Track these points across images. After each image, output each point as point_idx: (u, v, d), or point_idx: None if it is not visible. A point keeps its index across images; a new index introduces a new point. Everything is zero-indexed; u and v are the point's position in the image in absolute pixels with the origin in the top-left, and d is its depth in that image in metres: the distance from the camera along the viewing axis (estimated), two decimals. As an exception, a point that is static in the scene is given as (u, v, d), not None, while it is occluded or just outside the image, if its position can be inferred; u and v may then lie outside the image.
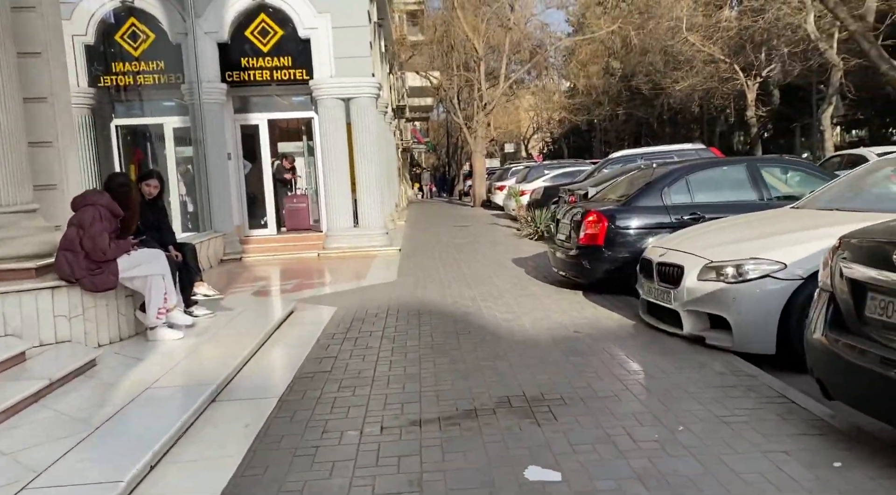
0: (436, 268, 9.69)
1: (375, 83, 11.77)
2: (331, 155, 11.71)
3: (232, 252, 11.65)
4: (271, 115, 12.54)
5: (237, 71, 11.68)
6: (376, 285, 8.49)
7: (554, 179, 18.63)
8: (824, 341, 3.33)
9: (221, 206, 11.64)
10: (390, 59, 20.88)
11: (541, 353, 5.00)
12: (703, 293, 4.95)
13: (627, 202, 7.21)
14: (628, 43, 29.21)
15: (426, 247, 12.66)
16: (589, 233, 7.15)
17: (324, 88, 11.54)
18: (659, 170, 7.62)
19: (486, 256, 10.85)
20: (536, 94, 39.15)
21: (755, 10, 24.27)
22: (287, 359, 5.24)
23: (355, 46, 11.53)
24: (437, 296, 7.50)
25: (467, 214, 22.39)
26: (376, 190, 11.98)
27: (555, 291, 7.51)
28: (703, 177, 7.27)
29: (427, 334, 5.76)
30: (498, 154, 60.44)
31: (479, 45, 23.97)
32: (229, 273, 10.12)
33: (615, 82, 37.20)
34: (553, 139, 58.55)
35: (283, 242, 12.43)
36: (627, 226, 7.03)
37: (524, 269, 9.26)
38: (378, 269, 9.89)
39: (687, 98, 30.35)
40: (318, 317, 6.60)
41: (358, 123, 11.76)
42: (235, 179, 12.27)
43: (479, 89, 25.24)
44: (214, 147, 11.53)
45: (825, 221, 5.13)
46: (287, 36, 11.67)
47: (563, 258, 7.60)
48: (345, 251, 11.65)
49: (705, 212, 6.92)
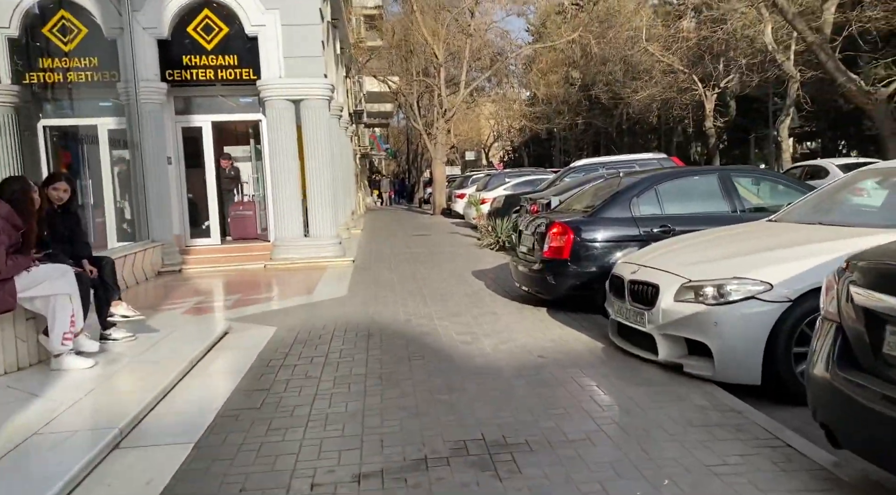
0: (391, 282, 9.08)
1: (328, 85, 11.13)
2: (279, 159, 11.01)
3: (171, 263, 10.83)
4: (216, 116, 11.78)
5: (179, 69, 10.90)
6: (324, 301, 7.84)
7: (515, 188, 18.23)
8: (831, 379, 2.84)
9: (160, 214, 10.83)
10: (347, 62, 20.22)
11: (502, 384, 4.44)
12: (680, 316, 4.47)
13: (594, 213, 6.74)
14: (588, 52, 29.13)
15: (382, 257, 12.03)
16: (553, 247, 6.64)
17: (272, 89, 10.85)
18: (626, 179, 7.17)
19: (445, 268, 10.29)
20: (497, 103, 38.91)
21: (714, 20, 24.41)
22: (212, 391, 4.57)
23: (306, 45, 10.88)
24: (389, 314, 6.89)
25: (427, 223, 21.82)
26: (329, 197, 11.32)
27: (517, 308, 6.98)
28: (674, 188, 6.84)
29: (375, 360, 5.16)
30: (459, 161, 60.17)
31: (438, 51, 23.50)
32: (165, 287, 9.33)
33: (575, 92, 37.21)
34: (514, 147, 58.56)
35: (227, 253, 11.66)
36: (594, 238, 6.55)
37: (484, 283, 8.72)
38: (328, 283, 9.23)
39: (646, 108, 30.46)
40: (254, 340, 5.93)
41: (309, 126, 11.09)
42: (176, 185, 11.46)
43: (439, 95, 24.75)
44: (153, 150, 10.72)
45: (810, 236, 4.71)
46: (233, 33, 10.95)
47: (525, 272, 7.08)
48: (294, 262, 10.94)
49: (676, 224, 6.49)
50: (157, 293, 8.85)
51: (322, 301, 7.86)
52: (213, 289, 9.21)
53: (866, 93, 16.77)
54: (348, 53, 19.16)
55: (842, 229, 4.68)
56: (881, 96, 16.66)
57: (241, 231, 12.47)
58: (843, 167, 14.65)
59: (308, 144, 11.13)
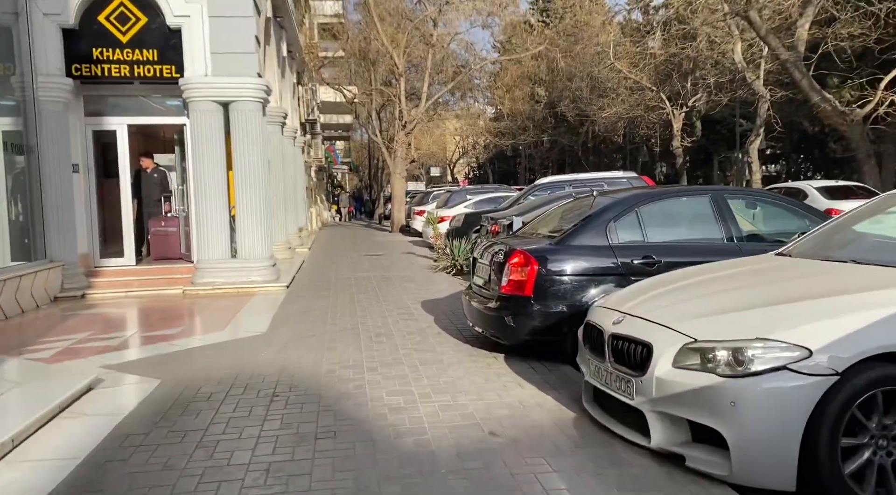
0: (324, 315, 7.73)
1: (262, 85, 9.78)
2: (203, 169, 9.60)
3: (73, 287, 9.29)
4: (133, 119, 10.30)
5: (88, 64, 9.43)
6: (237, 340, 6.45)
7: (476, 205, 17.07)
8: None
9: (61, 229, 9.29)
10: (298, 66, 18.87)
11: (436, 486, 3.15)
12: (682, 389, 3.25)
13: (563, 239, 5.52)
14: (554, 68, 28.33)
15: (323, 282, 10.66)
16: (513, 280, 5.40)
17: (196, 89, 9.46)
18: (601, 199, 5.99)
19: (392, 297, 8.97)
20: (461, 117, 37.93)
21: (684, 35, 23.79)
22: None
23: (237, 40, 9.54)
24: (309, 363, 5.54)
25: (383, 241, 20.47)
26: (260, 213, 9.92)
27: (468, 354, 5.70)
28: (659, 210, 5.68)
29: (270, 438, 3.81)
30: (424, 177, 59.15)
31: (398, 60, 22.30)
32: (50, 318, 7.82)
33: (541, 109, 36.47)
34: (479, 164, 57.69)
35: (143, 275, 10.15)
36: (563, 270, 5.32)
37: (434, 317, 7.44)
38: (250, 315, 7.84)
39: (612, 126, 29.74)
40: (122, 401, 4.54)
41: (239, 132, 9.72)
42: (84, 197, 9.94)
43: (399, 107, 23.54)
44: (54, 156, 9.21)
45: (850, 280, 3.56)
46: (153, 25, 9.54)
47: (480, 310, 5.81)
48: (217, 288, 9.50)
49: (662, 254, 5.33)
50: (37, 326, 7.34)
51: (234, 340, 6.46)
52: (111, 320, 7.72)
53: (841, 113, 16.10)
54: (299, 58, 17.82)
55: (891, 271, 3.54)
56: (857, 117, 16.02)
57: (162, 250, 10.97)
58: (822, 190, 13.81)
59: (237, 153, 9.75)
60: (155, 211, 11.27)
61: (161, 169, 11.38)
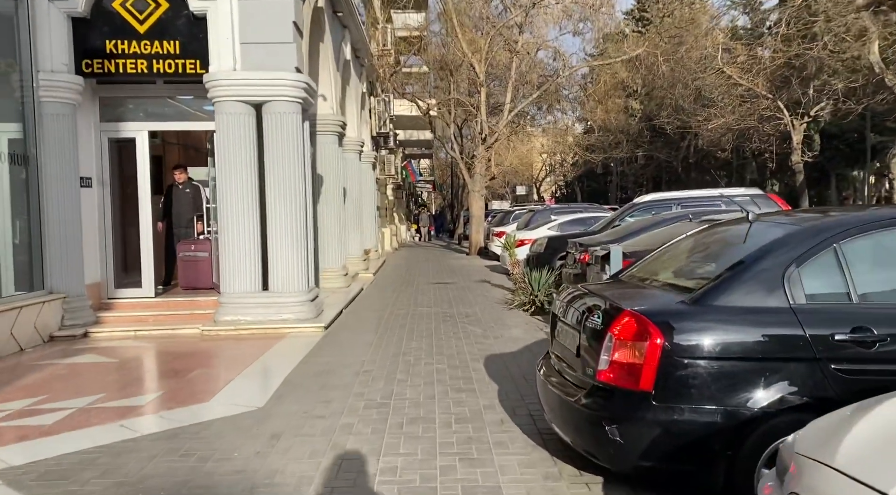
0: (353, 377, 5.78)
1: (300, 82, 8.05)
2: (230, 183, 7.95)
3: (75, 324, 7.81)
4: (155, 125, 8.84)
5: (100, 59, 8.01)
6: (214, 422, 4.57)
7: (562, 227, 14.83)
8: None
9: (66, 255, 7.85)
10: (369, 75, 17.31)
11: None
12: None
13: (705, 295, 3.29)
14: (655, 73, 25.59)
15: (371, 322, 8.76)
16: (620, 362, 3.23)
17: (222, 86, 7.84)
18: (765, 226, 3.72)
19: (449, 347, 6.93)
20: (548, 132, 35.63)
21: (804, 35, 20.67)
22: None
23: (271, 27, 7.88)
24: (295, 476, 3.57)
25: (458, 265, 18.48)
26: (296, 236, 8.15)
27: (543, 473, 3.57)
28: (878, 246, 3.37)
29: None
30: (509, 196, 57.12)
31: (479, 67, 20.40)
32: (14, 369, 6.23)
33: (635, 122, 33.67)
34: (566, 182, 55.02)
35: (161, 309, 8.58)
36: (707, 349, 3.13)
37: (499, 388, 5.33)
38: (257, 373, 5.99)
39: (717, 139, 26.57)
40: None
41: (272, 138, 8.01)
42: (97, 216, 8.50)
43: (479, 119, 21.62)
44: (57, 167, 7.80)
45: None
46: (174, 10, 8.03)
47: (563, 403, 3.64)
48: (241, 327, 7.77)
49: (886, 325, 3.05)
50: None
51: (213, 421, 4.58)
52: (80, 377, 5.99)
53: None
54: (368, 64, 16.23)
55: None
56: None
57: (191, 278, 9.40)
58: None
59: (269, 163, 8.04)
60: (186, 232, 9.75)
61: (194, 183, 9.87)
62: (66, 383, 5.68)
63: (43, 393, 5.34)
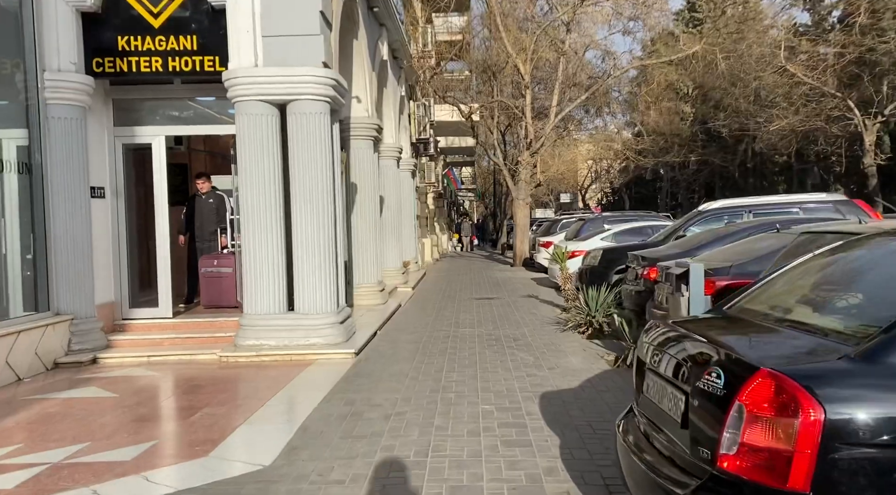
0: (383, 422, 4.83)
1: (328, 78, 7.20)
2: (251, 192, 7.14)
3: (84, 349, 7.09)
4: (174, 128, 8.12)
5: (112, 57, 7.32)
6: (206, 489, 3.68)
7: (618, 237, 13.67)
8: None
9: (73, 272, 7.14)
10: (408, 78, 16.47)
11: None
12: None
13: (884, 347, 2.23)
14: (707, 82, 24.14)
15: (408, 346, 7.83)
16: (755, 446, 2.19)
17: (242, 85, 7.04)
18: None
19: (496, 381, 5.94)
20: (595, 137, 34.34)
21: (872, 27, 19.11)
22: None
23: (295, 18, 7.05)
24: None
25: (502, 278, 17.43)
26: (325, 251, 7.28)
27: None
28: None
29: None
30: (553, 203, 55.82)
31: (524, 67, 19.39)
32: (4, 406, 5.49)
33: (688, 126, 32.12)
34: (613, 189, 53.34)
35: (179, 331, 7.80)
36: (893, 428, 2.07)
37: (560, 441, 4.31)
38: (270, 417, 5.09)
39: (781, 142, 24.92)
40: None
41: (296, 140, 7.18)
42: (110, 229, 7.80)
43: (524, 123, 20.59)
44: (65, 176, 7.11)
45: None
46: (191, 1, 7.28)
47: (658, 486, 2.62)
48: (263, 353, 6.92)
49: None
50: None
51: (196, 491, 3.69)
52: (67, 418, 5.18)
53: None
54: (407, 65, 15.38)
55: None
56: None
57: (214, 296, 8.64)
58: None
59: (294, 168, 7.20)
60: (209, 246, 9.01)
61: (218, 193, 9.13)
62: (50, 426, 4.88)
63: (19, 440, 4.55)
